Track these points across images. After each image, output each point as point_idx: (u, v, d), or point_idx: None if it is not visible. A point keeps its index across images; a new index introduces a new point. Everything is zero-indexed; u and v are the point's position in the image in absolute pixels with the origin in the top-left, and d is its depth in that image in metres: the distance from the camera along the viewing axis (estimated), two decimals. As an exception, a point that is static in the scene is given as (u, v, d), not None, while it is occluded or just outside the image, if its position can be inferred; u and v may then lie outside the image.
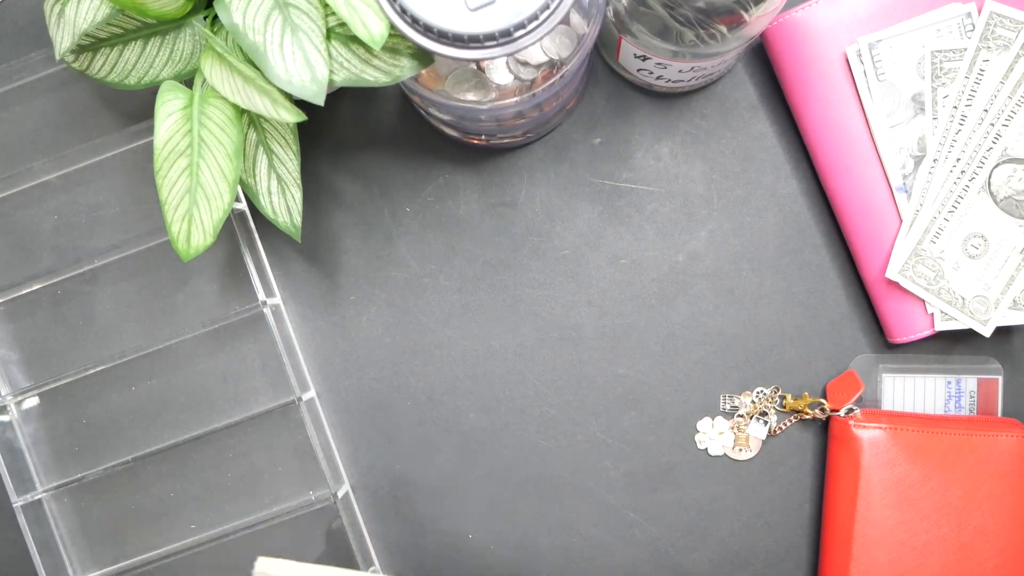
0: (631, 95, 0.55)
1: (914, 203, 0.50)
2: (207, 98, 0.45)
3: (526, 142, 0.55)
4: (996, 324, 0.50)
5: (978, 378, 0.53)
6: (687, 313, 0.54)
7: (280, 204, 0.48)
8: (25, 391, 0.55)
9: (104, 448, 0.55)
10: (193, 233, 0.45)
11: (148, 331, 0.56)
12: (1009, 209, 0.49)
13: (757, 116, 0.55)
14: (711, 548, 0.54)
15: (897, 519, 0.50)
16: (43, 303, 0.56)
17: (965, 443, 0.50)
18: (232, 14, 0.41)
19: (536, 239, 0.55)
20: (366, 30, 0.40)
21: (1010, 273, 0.50)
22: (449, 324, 0.55)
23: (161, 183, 0.45)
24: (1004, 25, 0.49)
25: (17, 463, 0.54)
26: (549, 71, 0.45)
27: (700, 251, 0.55)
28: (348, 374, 0.55)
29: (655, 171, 0.55)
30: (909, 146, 0.50)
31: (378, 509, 0.55)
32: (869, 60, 0.50)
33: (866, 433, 0.50)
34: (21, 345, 0.56)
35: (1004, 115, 0.49)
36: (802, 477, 0.54)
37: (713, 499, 0.54)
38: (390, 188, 0.55)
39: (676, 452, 0.54)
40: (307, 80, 0.41)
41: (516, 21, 0.38)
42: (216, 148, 0.44)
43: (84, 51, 0.47)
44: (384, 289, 0.55)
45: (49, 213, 0.56)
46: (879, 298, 0.52)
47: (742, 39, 0.46)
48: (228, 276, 0.56)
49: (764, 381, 0.54)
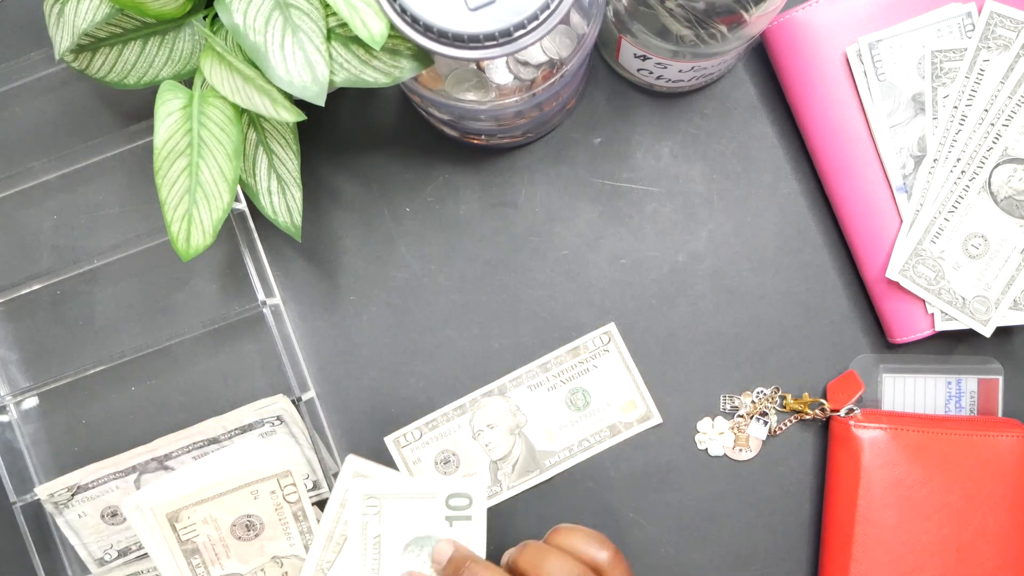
0: (631, 95, 0.55)
1: (914, 203, 0.50)
2: (207, 98, 0.45)
3: (526, 142, 0.55)
4: (996, 324, 0.50)
5: (978, 378, 0.53)
6: (687, 313, 0.54)
7: (280, 204, 0.48)
8: (25, 391, 0.55)
9: (104, 448, 0.55)
10: (193, 233, 0.45)
11: (148, 331, 0.56)
12: (1009, 209, 0.49)
13: (757, 116, 0.55)
14: (711, 548, 0.54)
15: (897, 519, 0.50)
16: (43, 303, 0.56)
17: (965, 443, 0.50)
18: (233, 14, 0.41)
19: (536, 239, 0.55)
20: (366, 30, 0.40)
21: (1010, 273, 0.50)
22: (449, 324, 0.55)
23: (161, 183, 0.45)
24: (1004, 25, 0.49)
25: (17, 463, 0.54)
26: (549, 71, 0.45)
27: (700, 251, 0.55)
28: (348, 374, 0.55)
29: (655, 171, 0.55)
30: (909, 146, 0.50)
31: (378, 509, 0.55)
32: (869, 60, 0.50)
33: (866, 433, 0.50)
34: (21, 345, 0.56)
35: (1004, 115, 0.49)
36: (802, 477, 0.54)
37: (713, 499, 0.54)
38: (390, 188, 0.55)
39: (676, 452, 0.54)
40: (308, 81, 0.41)
41: (516, 21, 0.38)
42: (216, 148, 0.44)
43: (84, 51, 0.47)
44: (384, 289, 0.55)
45: (49, 213, 0.56)
46: (879, 298, 0.52)
47: (742, 39, 0.46)
48: (228, 276, 0.56)
49: (764, 381, 0.54)
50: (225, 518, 0.48)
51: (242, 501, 0.48)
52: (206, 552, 0.48)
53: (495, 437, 0.54)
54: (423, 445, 0.53)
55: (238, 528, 0.48)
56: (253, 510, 0.48)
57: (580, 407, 0.54)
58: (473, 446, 0.54)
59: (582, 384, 0.54)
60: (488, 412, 0.54)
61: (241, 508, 0.48)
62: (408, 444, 0.53)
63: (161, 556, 0.48)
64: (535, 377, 0.54)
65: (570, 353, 0.54)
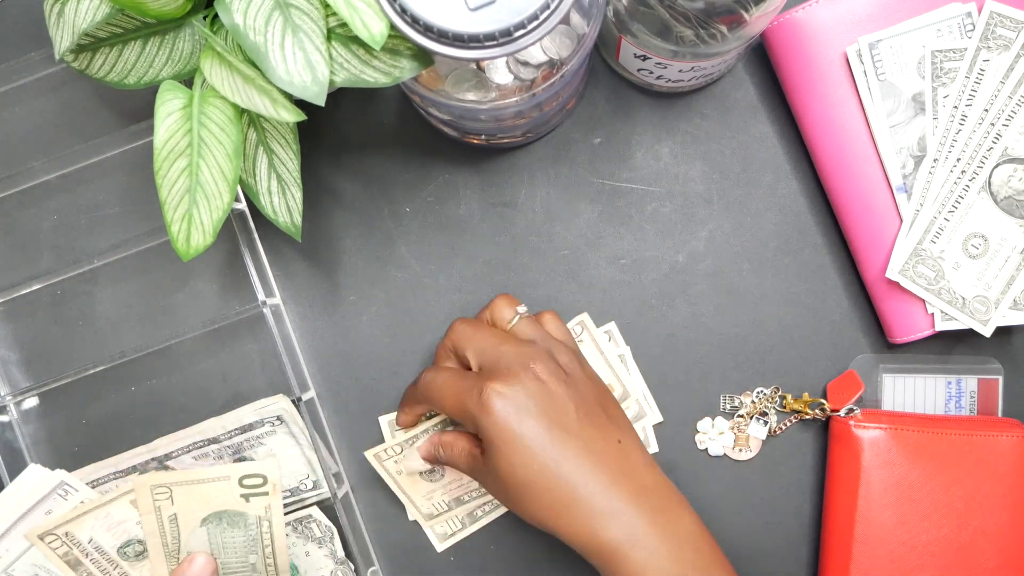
0: (631, 95, 0.55)
1: (914, 203, 0.50)
2: (207, 98, 0.45)
3: (526, 142, 0.55)
4: (996, 324, 0.50)
5: (978, 378, 0.53)
6: (687, 313, 0.54)
7: (280, 204, 0.48)
8: (25, 391, 0.55)
9: (104, 448, 0.55)
10: (193, 233, 0.45)
11: (148, 331, 0.56)
12: (1009, 209, 0.49)
13: (757, 116, 0.55)
14: (711, 548, 0.54)
15: (897, 519, 0.50)
16: (43, 303, 0.56)
17: (965, 443, 0.50)
18: (233, 14, 0.41)
19: (536, 239, 0.55)
20: (366, 30, 0.40)
21: (1010, 273, 0.50)
22: (449, 324, 0.55)
23: (161, 183, 0.45)
24: (1004, 25, 0.49)
25: (17, 463, 0.54)
26: (549, 71, 0.45)
27: (700, 251, 0.55)
28: (348, 374, 0.55)
29: (655, 171, 0.55)
30: (909, 146, 0.50)
31: (378, 509, 0.55)
32: (869, 60, 0.50)
33: (866, 433, 0.50)
34: (21, 345, 0.56)
35: (1004, 115, 0.49)
36: (802, 477, 0.54)
37: (713, 499, 0.54)
38: (390, 188, 0.55)
39: (676, 452, 0.54)
40: (308, 81, 0.41)
41: (516, 21, 0.38)
42: (216, 148, 0.44)
43: (84, 51, 0.47)
44: (384, 289, 0.55)
45: (49, 213, 0.56)
46: (879, 298, 0.52)
47: (742, 39, 0.46)
48: (228, 276, 0.56)
49: (764, 381, 0.54)
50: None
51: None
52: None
53: None
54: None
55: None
56: (139, 533, 0.50)
57: None
58: None
59: None
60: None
61: (127, 527, 0.50)
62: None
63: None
64: None
65: None
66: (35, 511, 0.49)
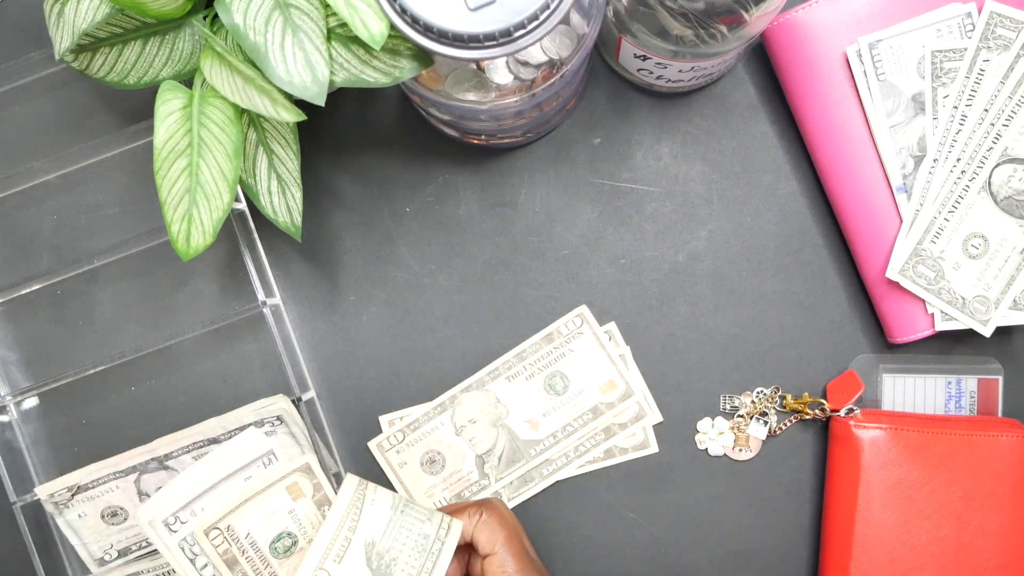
0: (631, 95, 0.55)
1: (914, 203, 0.50)
2: (207, 98, 0.45)
3: (526, 142, 0.55)
4: (996, 324, 0.50)
5: (978, 378, 0.53)
6: (687, 313, 0.54)
7: (280, 204, 0.48)
8: (25, 391, 0.55)
9: (104, 448, 0.55)
10: (193, 233, 0.45)
11: (148, 331, 0.56)
12: (1009, 209, 0.49)
13: (757, 116, 0.55)
14: (711, 548, 0.54)
15: (897, 519, 0.50)
16: (43, 303, 0.56)
17: (965, 443, 0.50)
18: (233, 14, 0.41)
19: (536, 239, 0.55)
20: (366, 30, 0.40)
21: (1010, 273, 0.50)
22: (449, 324, 0.55)
23: (161, 183, 0.45)
24: (1004, 25, 0.49)
25: (17, 463, 0.54)
26: (549, 71, 0.45)
27: (700, 251, 0.55)
28: (348, 374, 0.55)
29: (655, 171, 0.55)
30: (909, 146, 0.50)
31: (378, 509, 0.55)
32: (869, 60, 0.50)
33: (866, 433, 0.50)
34: (21, 345, 0.56)
35: (1004, 115, 0.49)
36: (802, 477, 0.54)
37: (713, 499, 0.54)
38: (390, 188, 0.55)
39: (676, 452, 0.54)
40: (308, 81, 0.41)
41: (516, 21, 0.38)
42: (216, 148, 0.44)
43: (84, 51, 0.47)
44: (384, 289, 0.55)
45: (49, 213, 0.56)
46: (879, 298, 0.52)
47: (742, 39, 0.46)
48: (228, 276, 0.56)
49: (764, 381, 0.54)
50: (261, 529, 0.49)
51: (277, 499, 0.49)
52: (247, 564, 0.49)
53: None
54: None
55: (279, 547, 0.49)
56: (290, 524, 0.49)
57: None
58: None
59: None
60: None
61: (280, 518, 0.49)
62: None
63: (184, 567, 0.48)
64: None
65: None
66: (238, 475, 0.49)
